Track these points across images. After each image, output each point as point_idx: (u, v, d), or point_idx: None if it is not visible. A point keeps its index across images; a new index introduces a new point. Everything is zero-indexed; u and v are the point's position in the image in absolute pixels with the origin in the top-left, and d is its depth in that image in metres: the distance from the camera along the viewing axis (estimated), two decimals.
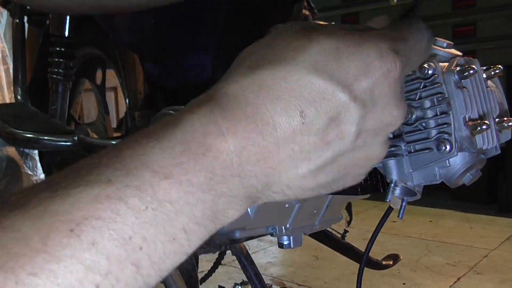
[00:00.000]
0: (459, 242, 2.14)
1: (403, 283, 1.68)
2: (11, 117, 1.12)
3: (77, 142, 1.04)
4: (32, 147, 1.29)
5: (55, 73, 1.24)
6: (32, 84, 1.50)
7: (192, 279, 0.93)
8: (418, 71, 0.68)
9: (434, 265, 1.85)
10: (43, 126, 1.09)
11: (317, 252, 1.97)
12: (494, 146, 0.69)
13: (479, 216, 2.60)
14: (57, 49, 1.23)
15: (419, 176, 0.70)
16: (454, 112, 0.65)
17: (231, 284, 1.66)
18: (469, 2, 2.82)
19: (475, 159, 0.69)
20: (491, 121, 0.69)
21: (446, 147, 0.63)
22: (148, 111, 1.12)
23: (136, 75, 1.14)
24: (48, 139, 1.04)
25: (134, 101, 1.14)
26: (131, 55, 1.13)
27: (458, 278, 1.72)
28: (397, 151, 0.70)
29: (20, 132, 1.04)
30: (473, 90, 0.67)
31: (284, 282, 1.71)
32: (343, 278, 1.72)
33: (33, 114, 1.20)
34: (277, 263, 1.92)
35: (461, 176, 0.69)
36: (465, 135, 0.65)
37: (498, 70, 0.70)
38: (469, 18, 2.83)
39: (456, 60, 0.67)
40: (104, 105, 1.40)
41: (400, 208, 0.71)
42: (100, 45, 1.31)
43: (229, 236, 0.85)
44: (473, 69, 0.65)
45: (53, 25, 1.22)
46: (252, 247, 2.05)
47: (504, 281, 1.69)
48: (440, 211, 2.73)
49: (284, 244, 0.89)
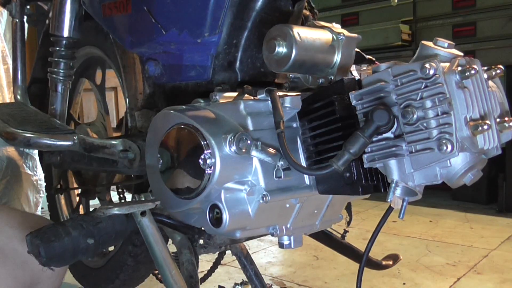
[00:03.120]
0: (459, 242, 2.14)
1: (403, 283, 1.67)
2: (11, 117, 1.12)
3: (77, 142, 1.04)
4: (32, 147, 1.29)
5: (55, 73, 1.24)
6: (31, 84, 1.50)
7: (192, 279, 0.93)
8: (420, 71, 0.68)
9: (434, 265, 1.85)
10: (43, 126, 1.09)
11: (317, 252, 1.97)
12: (495, 146, 0.69)
13: (479, 216, 2.60)
14: (57, 49, 1.22)
15: (420, 176, 0.70)
16: (455, 112, 0.65)
17: (231, 284, 1.66)
18: (469, 2, 2.82)
19: (476, 159, 0.69)
20: (492, 121, 0.68)
21: (447, 147, 0.63)
22: (148, 111, 1.12)
23: (136, 75, 1.14)
24: (48, 139, 1.03)
25: (134, 101, 1.14)
26: (131, 55, 1.13)
27: (458, 278, 1.72)
28: (398, 151, 0.70)
29: (20, 132, 1.04)
30: (474, 90, 0.66)
31: (284, 282, 1.70)
32: (343, 278, 1.72)
33: (33, 114, 1.20)
34: (277, 263, 1.92)
35: (462, 176, 0.69)
36: (466, 135, 0.65)
37: (499, 70, 0.70)
38: (469, 18, 2.82)
39: (457, 60, 0.67)
40: (104, 105, 1.40)
41: (401, 208, 0.71)
42: (100, 45, 1.31)
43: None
44: (474, 69, 0.65)
45: (53, 25, 1.22)
46: (252, 247, 2.05)
47: (504, 281, 1.68)
48: (440, 211, 2.73)
49: (285, 244, 0.89)
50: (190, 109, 0.85)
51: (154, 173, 0.89)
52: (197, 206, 0.83)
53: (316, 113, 0.80)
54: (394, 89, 0.69)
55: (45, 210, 1.68)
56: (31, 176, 1.88)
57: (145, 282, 1.43)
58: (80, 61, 1.43)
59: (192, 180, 0.80)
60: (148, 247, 0.87)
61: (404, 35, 3.00)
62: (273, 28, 0.87)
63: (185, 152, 0.81)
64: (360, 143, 0.67)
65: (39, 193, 1.90)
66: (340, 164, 0.68)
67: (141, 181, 1.11)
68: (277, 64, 0.86)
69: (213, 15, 0.92)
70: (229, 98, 0.87)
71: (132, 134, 1.12)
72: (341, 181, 0.77)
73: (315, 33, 0.87)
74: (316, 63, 0.87)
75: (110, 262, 1.35)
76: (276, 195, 0.79)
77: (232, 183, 0.78)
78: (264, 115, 0.82)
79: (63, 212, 1.62)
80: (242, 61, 0.97)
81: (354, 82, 0.78)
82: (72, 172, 1.51)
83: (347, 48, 0.90)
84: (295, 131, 0.83)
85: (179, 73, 1.01)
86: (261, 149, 0.76)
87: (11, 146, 1.72)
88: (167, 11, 0.96)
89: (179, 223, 0.93)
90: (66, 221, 0.88)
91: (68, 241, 0.83)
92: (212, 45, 0.95)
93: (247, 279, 1.23)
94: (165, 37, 0.97)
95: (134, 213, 0.86)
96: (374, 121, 0.66)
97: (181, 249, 0.98)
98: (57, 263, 0.84)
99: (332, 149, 0.78)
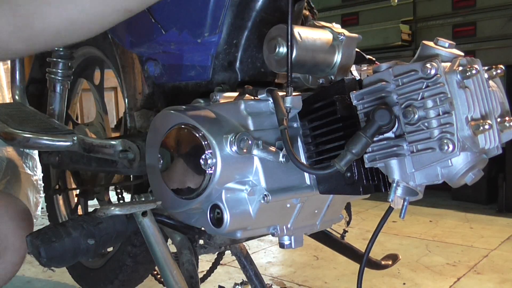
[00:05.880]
0: (459, 242, 2.14)
1: (403, 283, 1.67)
2: (10, 117, 1.11)
3: (76, 143, 1.03)
4: (31, 147, 1.29)
5: (53, 73, 1.24)
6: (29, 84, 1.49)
7: (193, 279, 0.93)
8: (421, 71, 0.68)
9: (434, 265, 1.85)
10: (42, 126, 1.09)
11: (317, 252, 1.97)
12: (496, 145, 0.69)
13: (479, 216, 2.60)
14: (56, 49, 1.22)
15: (421, 176, 0.70)
16: (456, 112, 0.65)
17: (231, 284, 1.65)
18: (469, 2, 2.82)
19: (477, 159, 0.69)
20: (493, 121, 0.68)
21: (448, 146, 0.63)
22: (148, 111, 1.11)
23: (135, 75, 1.13)
24: (47, 139, 1.03)
25: (133, 101, 1.14)
26: (130, 55, 1.13)
27: (458, 278, 1.72)
28: (399, 151, 0.70)
29: (19, 132, 1.04)
30: (475, 90, 0.66)
31: (284, 282, 1.70)
32: (343, 278, 1.72)
33: (31, 114, 1.19)
34: (277, 263, 1.92)
35: (463, 175, 0.68)
36: (467, 135, 0.65)
37: (500, 70, 0.70)
38: (469, 18, 2.82)
39: (458, 60, 0.67)
40: (102, 105, 1.40)
41: (401, 208, 0.71)
42: (98, 45, 1.30)
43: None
44: (475, 69, 0.65)
45: None
46: (252, 247, 2.05)
47: (504, 281, 1.68)
48: (440, 211, 2.73)
49: (285, 244, 0.88)
50: (190, 109, 0.85)
51: (154, 173, 0.88)
52: (197, 206, 0.82)
53: (317, 113, 0.80)
54: (395, 89, 0.69)
55: (45, 210, 1.68)
56: (31, 176, 1.88)
57: (144, 283, 1.43)
58: (78, 61, 1.43)
59: (193, 180, 0.80)
60: (149, 248, 0.87)
61: (404, 35, 3.00)
62: (273, 28, 0.87)
63: (186, 152, 0.81)
64: (362, 143, 0.66)
65: (39, 193, 1.90)
66: (343, 164, 0.68)
67: (140, 182, 1.11)
68: (278, 64, 0.86)
69: (213, 15, 0.92)
70: (229, 98, 0.87)
71: (131, 134, 1.11)
72: (342, 181, 0.77)
73: (316, 33, 0.87)
74: (317, 63, 0.87)
75: (109, 262, 1.35)
76: (277, 195, 0.79)
77: (233, 183, 0.78)
78: (265, 115, 0.82)
79: (61, 213, 1.62)
80: (242, 61, 0.97)
81: (355, 82, 0.78)
82: (71, 173, 1.51)
83: (348, 48, 0.90)
84: (296, 131, 0.83)
85: (179, 73, 1.01)
86: (263, 148, 0.76)
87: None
88: (167, 11, 0.96)
89: (179, 223, 0.93)
90: (67, 221, 0.88)
91: (69, 241, 0.83)
92: (212, 45, 0.95)
93: (247, 279, 1.23)
94: (165, 37, 0.97)
95: (135, 213, 0.86)
96: (375, 121, 0.66)
97: (181, 249, 0.98)
98: (57, 264, 0.84)
99: (333, 149, 0.77)
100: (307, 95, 0.84)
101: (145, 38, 1.01)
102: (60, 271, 1.74)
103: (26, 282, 1.72)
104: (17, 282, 1.70)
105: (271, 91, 0.81)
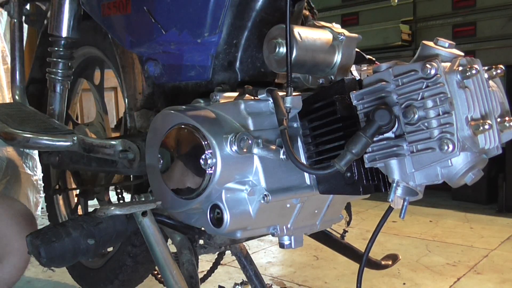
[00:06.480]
0: (459, 242, 2.14)
1: (403, 283, 1.67)
2: (10, 117, 1.11)
3: (76, 143, 1.03)
4: (31, 147, 1.29)
5: (54, 73, 1.24)
6: (29, 84, 1.49)
7: (193, 279, 0.93)
8: (421, 71, 0.68)
9: (434, 265, 1.85)
10: (42, 126, 1.08)
11: (317, 252, 1.97)
12: (495, 145, 0.69)
13: (479, 216, 2.60)
14: (56, 49, 1.22)
15: (421, 176, 0.70)
16: (456, 112, 0.65)
17: (231, 284, 1.65)
18: (469, 2, 2.82)
19: (477, 159, 0.69)
20: (493, 121, 0.68)
21: (448, 146, 0.63)
22: (148, 111, 1.11)
23: (135, 75, 1.13)
24: (47, 139, 1.03)
25: (133, 101, 1.14)
26: (130, 55, 1.13)
27: (458, 278, 1.72)
28: (399, 151, 0.70)
29: (19, 132, 1.04)
30: (475, 90, 0.66)
31: (284, 282, 1.70)
32: (343, 278, 1.72)
33: (31, 114, 1.19)
34: (277, 263, 1.91)
35: (463, 175, 0.69)
36: (467, 135, 0.65)
37: (500, 70, 0.70)
38: (469, 18, 2.82)
39: (458, 60, 0.67)
40: (102, 105, 1.40)
41: (401, 208, 0.71)
42: (98, 45, 1.30)
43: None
44: (475, 69, 0.65)
45: (51, 25, 1.22)
46: (252, 247, 2.05)
47: (504, 281, 1.68)
48: (440, 211, 2.73)
49: (285, 244, 0.89)
50: (190, 109, 0.85)
51: (154, 173, 0.88)
52: (197, 206, 0.82)
53: (317, 113, 0.80)
54: (395, 89, 0.69)
55: (45, 210, 1.68)
56: (31, 176, 1.88)
57: (144, 283, 1.43)
58: (78, 61, 1.43)
59: (193, 180, 0.80)
60: (149, 248, 0.87)
61: (404, 35, 3.00)
62: (273, 28, 0.87)
63: (186, 152, 0.81)
64: (362, 143, 0.66)
65: (39, 193, 1.90)
66: (343, 164, 0.68)
67: (140, 182, 1.11)
68: (278, 64, 0.86)
69: (213, 15, 0.92)
70: (229, 98, 0.87)
71: (131, 134, 1.11)
72: (342, 181, 0.77)
73: (316, 33, 0.87)
74: (317, 63, 0.87)
75: (109, 262, 1.35)
76: (277, 195, 0.79)
77: (233, 183, 0.78)
78: (265, 115, 0.82)
79: (61, 213, 1.62)
80: (242, 61, 0.97)
81: (355, 82, 0.78)
82: (71, 173, 1.51)
83: (348, 48, 0.90)
84: (296, 131, 0.83)
85: (179, 73, 1.01)
86: (263, 146, 0.76)
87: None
88: (167, 11, 0.96)
89: (179, 223, 0.93)
90: (67, 221, 0.88)
91: (69, 241, 0.83)
92: (212, 45, 0.95)
93: (247, 279, 1.23)
94: (165, 37, 0.97)
95: (135, 213, 0.86)
96: (375, 121, 0.66)
97: (181, 249, 0.98)
98: (57, 264, 0.84)
99: (333, 149, 0.77)
100: (307, 95, 0.84)
101: (145, 38, 1.01)
102: (60, 271, 1.74)
103: (26, 282, 1.72)
104: (17, 282, 1.70)
105: (271, 91, 0.81)
